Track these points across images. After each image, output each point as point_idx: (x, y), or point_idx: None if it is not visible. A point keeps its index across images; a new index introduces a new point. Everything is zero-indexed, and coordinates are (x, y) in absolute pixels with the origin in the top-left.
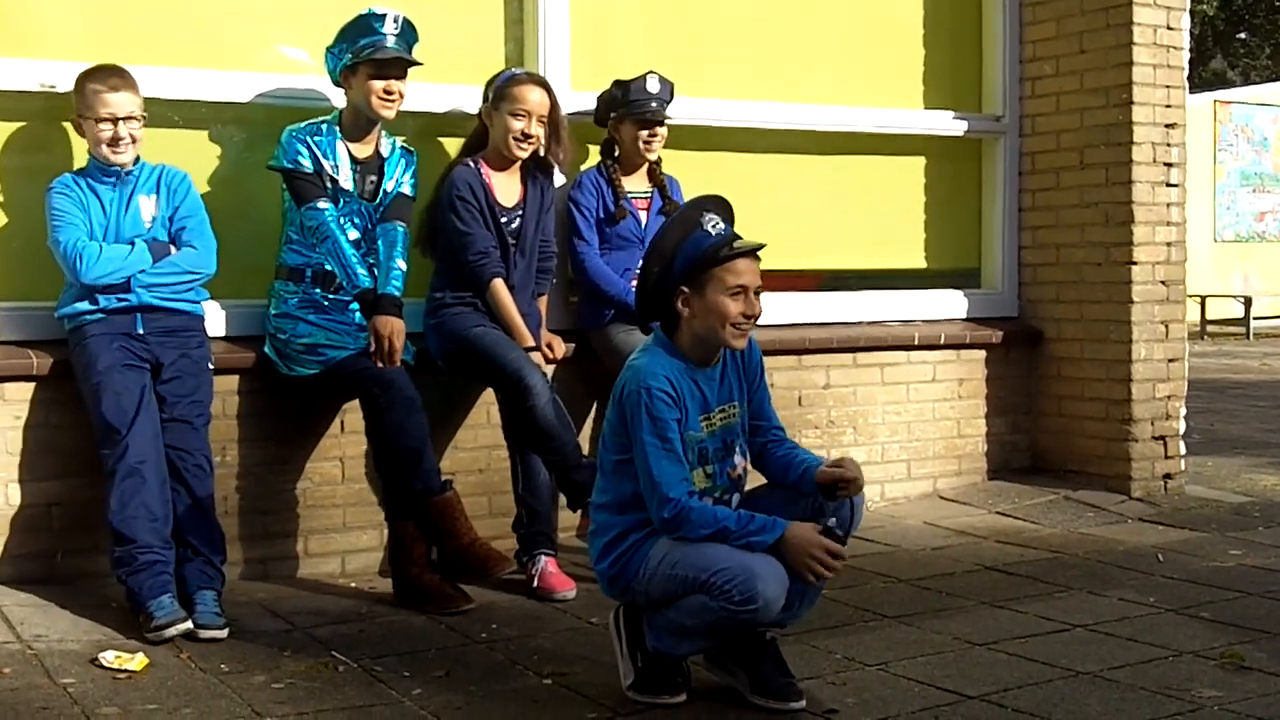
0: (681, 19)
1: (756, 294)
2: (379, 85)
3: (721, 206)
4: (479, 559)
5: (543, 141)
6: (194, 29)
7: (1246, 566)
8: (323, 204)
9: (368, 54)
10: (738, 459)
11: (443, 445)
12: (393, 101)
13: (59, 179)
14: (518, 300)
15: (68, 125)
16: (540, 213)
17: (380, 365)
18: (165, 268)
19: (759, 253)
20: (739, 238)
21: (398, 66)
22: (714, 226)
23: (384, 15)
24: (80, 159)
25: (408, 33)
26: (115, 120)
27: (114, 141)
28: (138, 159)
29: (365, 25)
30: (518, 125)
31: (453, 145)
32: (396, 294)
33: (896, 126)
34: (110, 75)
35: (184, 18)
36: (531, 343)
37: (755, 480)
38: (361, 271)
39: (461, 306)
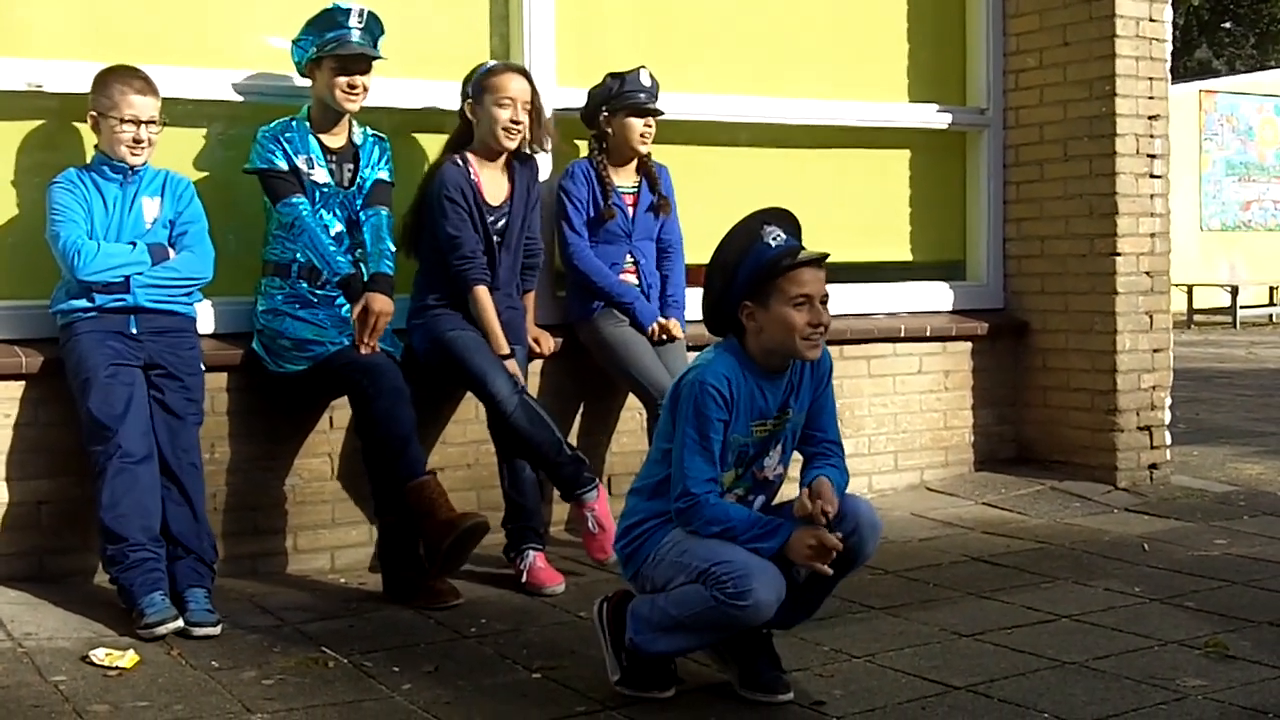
0: (667, 14)
1: (823, 303)
2: (342, 80)
3: (783, 218)
4: (450, 521)
5: (528, 129)
6: (179, 27)
7: (1231, 556)
8: (296, 199)
9: (331, 48)
10: (768, 461)
11: (431, 440)
12: (356, 95)
13: (63, 173)
14: (500, 300)
15: (57, 124)
16: (526, 210)
17: (362, 344)
18: (163, 271)
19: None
20: (803, 248)
21: (361, 61)
22: (774, 238)
23: (349, 10)
24: (72, 158)
25: (373, 27)
26: (138, 122)
27: (134, 143)
28: (146, 162)
29: (330, 19)
30: (504, 115)
31: (440, 141)
32: (389, 273)
33: (880, 120)
34: (135, 78)
35: (169, 16)
36: (506, 350)
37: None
38: (341, 259)
39: (442, 308)
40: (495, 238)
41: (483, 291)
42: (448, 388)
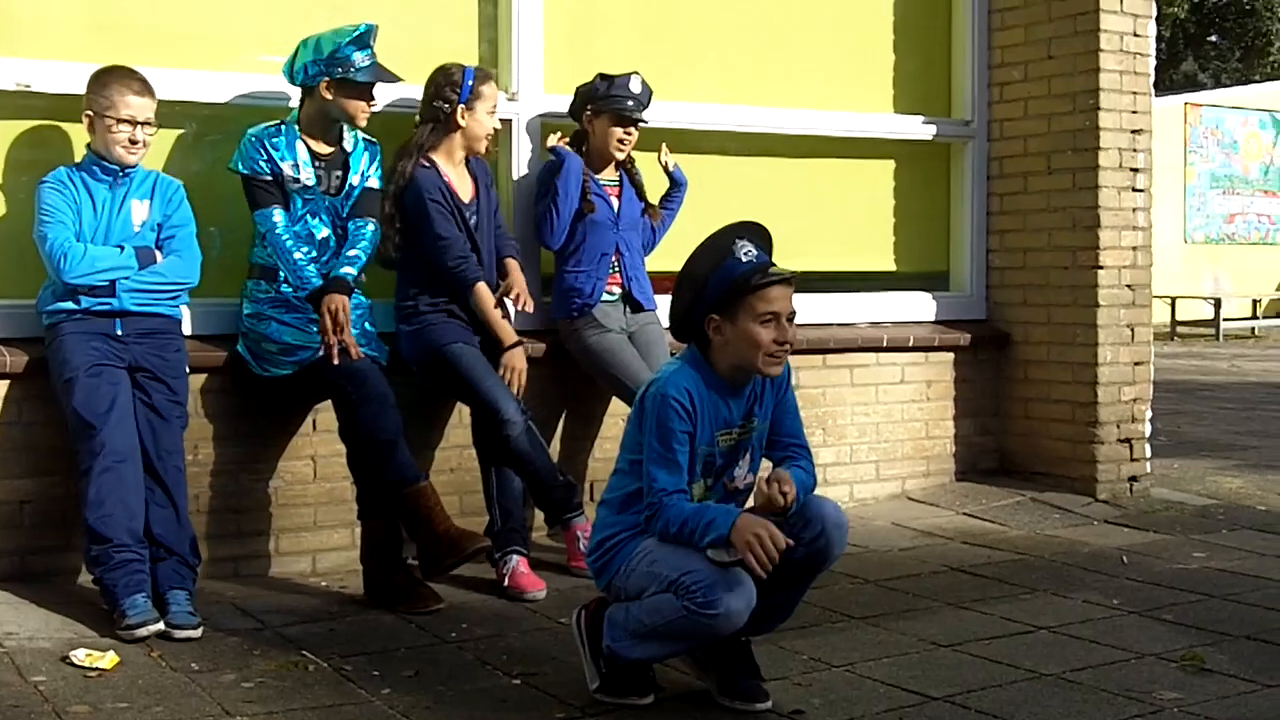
0: (655, 23)
1: (789, 320)
2: (362, 103)
3: (756, 233)
4: (454, 539)
5: None
6: (169, 28)
7: (1209, 569)
8: (271, 209)
9: (363, 76)
10: (737, 471)
11: (414, 445)
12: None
13: (53, 173)
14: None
15: (44, 124)
16: (489, 205)
17: (330, 345)
18: (150, 275)
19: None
20: (773, 264)
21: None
22: (745, 253)
23: (367, 30)
24: (59, 157)
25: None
26: (135, 123)
27: (130, 144)
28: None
29: (358, 43)
30: (492, 123)
31: None
32: (348, 279)
33: (866, 130)
34: (133, 79)
35: (160, 17)
36: (514, 338)
37: None
38: (310, 272)
39: (437, 315)
40: (473, 235)
41: (484, 289)
42: (431, 393)
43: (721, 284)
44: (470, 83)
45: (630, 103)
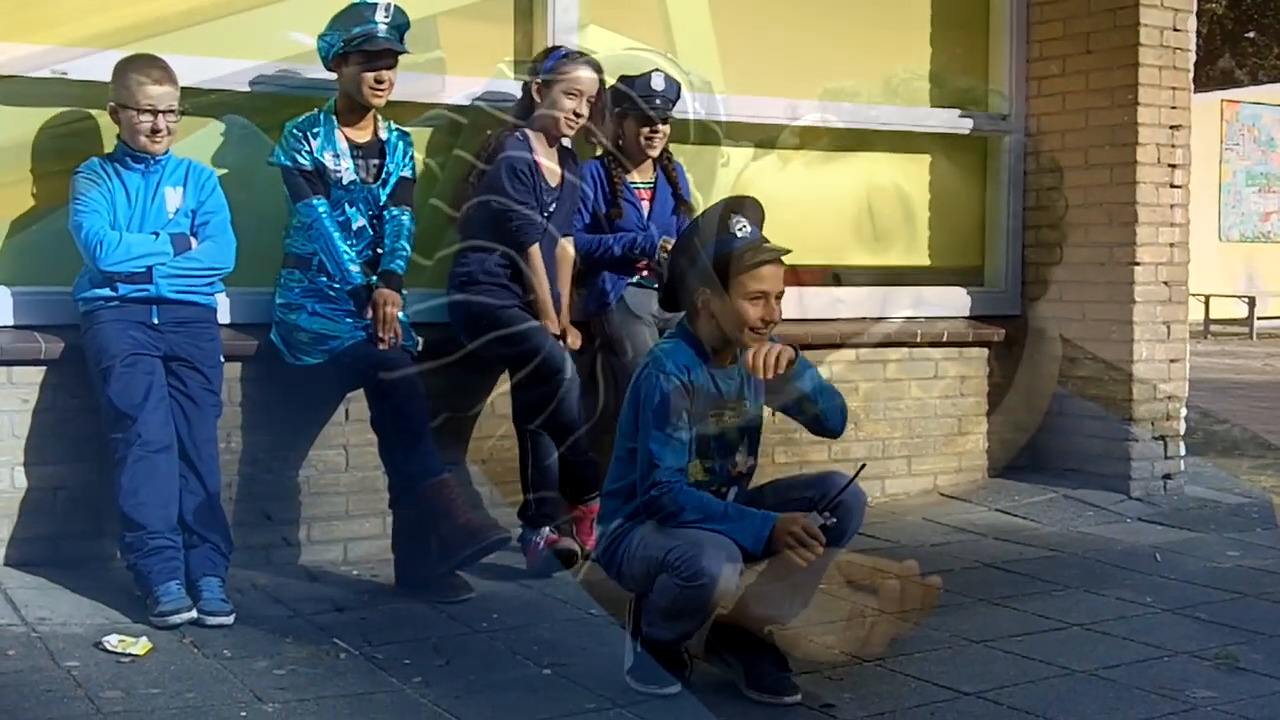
0: (692, 14)
1: (777, 299)
2: (369, 75)
3: (752, 209)
4: (473, 530)
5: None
6: (205, 16)
7: (1243, 567)
8: (316, 201)
9: (359, 44)
10: (739, 456)
11: (446, 435)
12: (383, 91)
13: (86, 163)
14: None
15: (80, 112)
16: (573, 199)
17: (380, 338)
18: (186, 261)
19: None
20: (766, 241)
21: (388, 56)
22: (740, 229)
23: (375, 4)
24: (94, 145)
25: (399, 20)
26: (155, 112)
27: (153, 132)
28: (168, 150)
29: (357, 14)
30: (570, 104)
31: (457, 138)
32: (399, 272)
33: (902, 124)
34: (153, 67)
35: (195, 5)
36: (554, 320)
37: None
38: (354, 269)
39: (493, 283)
40: (547, 220)
41: (536, 251)
42: (464, 382)
43: (715, 259)
44: (552, 61)
45: (658, 101)
